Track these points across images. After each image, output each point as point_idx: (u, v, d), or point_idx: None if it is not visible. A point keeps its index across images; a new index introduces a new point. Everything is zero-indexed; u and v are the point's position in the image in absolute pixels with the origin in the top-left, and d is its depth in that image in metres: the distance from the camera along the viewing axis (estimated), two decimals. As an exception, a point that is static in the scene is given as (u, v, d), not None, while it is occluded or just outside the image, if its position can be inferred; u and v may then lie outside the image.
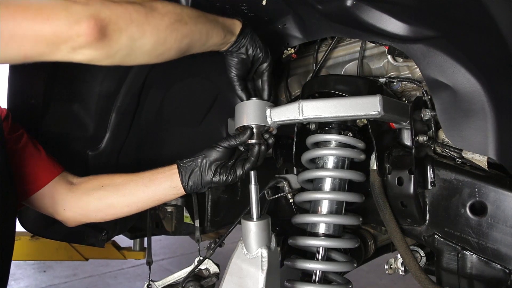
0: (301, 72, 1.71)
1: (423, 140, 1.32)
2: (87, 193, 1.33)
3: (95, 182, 1.35)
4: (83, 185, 1.35)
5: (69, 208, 1.33)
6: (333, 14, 1.27)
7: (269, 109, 1.28)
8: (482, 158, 1.25)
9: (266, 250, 1.20)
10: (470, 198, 1.27)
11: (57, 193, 1.32)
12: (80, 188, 1.34)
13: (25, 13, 0.88)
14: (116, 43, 0.98)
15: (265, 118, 1.28)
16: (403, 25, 1.18)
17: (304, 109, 1.23)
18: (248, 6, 1.40)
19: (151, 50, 1.06)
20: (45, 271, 4.26)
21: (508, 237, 1.20)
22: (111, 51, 0.99)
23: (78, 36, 0.92)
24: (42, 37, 0.90)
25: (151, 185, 1.29)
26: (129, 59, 1.05)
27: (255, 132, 1.27)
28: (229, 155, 1.29)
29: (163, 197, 1.31)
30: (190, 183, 1.28)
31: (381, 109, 1.18)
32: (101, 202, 1.32)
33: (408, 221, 1.37)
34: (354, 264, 1.40)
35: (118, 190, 1.32)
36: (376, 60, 1.50)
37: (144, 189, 1.30)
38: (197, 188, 1.29)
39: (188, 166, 1.28)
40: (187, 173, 1.28)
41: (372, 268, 2.71)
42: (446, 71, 1.17)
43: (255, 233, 1.22)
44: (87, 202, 1.32)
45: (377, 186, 1.35)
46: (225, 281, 1.22)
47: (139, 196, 1.30)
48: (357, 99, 1.21)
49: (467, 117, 1.17)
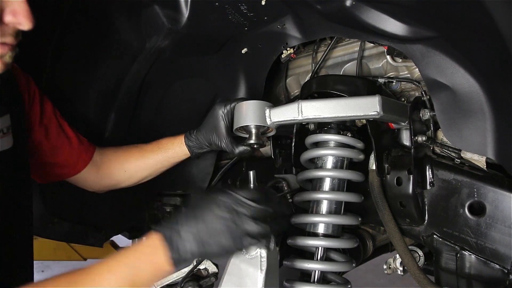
0: (300, 72, 1.71)
1: (422, 140, 1.32)
2: (114, 171, 1.49)
3: (118, 160, 1.49)
4: (106, 163, 1.48)
5: (99, 183, 1.50)
6: (332, 14, 1.28)
7: (268, 109, 1.28)
8: (480, 158, 1.25)
9: (265, 250, 1.19)
10: (469, 198, 1.27)
11: (87, 174, 1.45)
12: (104, 165, 1.48)
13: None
14: None
15: (264, 118, 1.28)
16: (402, 25, 1.18)
17: (303, 110, 1.23)
18: (247, 6, 1.40)
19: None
20: (43, 271, 4.25)
21: (506, 237, 1.20)
22: None
23: None
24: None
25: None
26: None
27: (254, 133, 1.27)
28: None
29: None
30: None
31: (380, 109, 1.18)
32: (127, 174, 1.49)
33: (407, 221, 1.37)
34: (353, 264, 1.40)
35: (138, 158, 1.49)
36: (375, 60, 1.50)
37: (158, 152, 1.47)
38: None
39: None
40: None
41: (370, 268, 2.71)
42: (445, 71, 1.17)
43: None
44: (117, 178, 1.50)
45: (376, 186, 1.36)
46: (224, 281, 1.22)
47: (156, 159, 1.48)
48: (356, 99, 1.21)
49: (465, 117, 1.18)
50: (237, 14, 1.43)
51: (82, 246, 2.83)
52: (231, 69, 1.66)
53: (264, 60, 1.59)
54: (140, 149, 1.50)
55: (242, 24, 1.48)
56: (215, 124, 1.35)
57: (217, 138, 1.35)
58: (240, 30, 1.52)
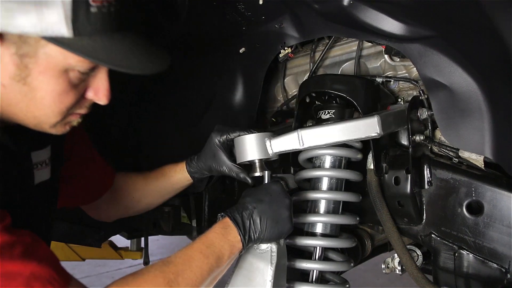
0: (298, 72, 1.71)
1: (420, 140, 1.32)
2: (124, 198, 1.50)
3: (127, 187, 1.50)
4: (118, 192, 1.50)
5: (110, 213, 1.53)
6: (330, 13, 1.28)
7: (268, 141, 1.29)
8: (478, 158, 1.25)
9: (276, 245, 1.22)
10: (467, 198, 1.27)
11: (102, 201, 1.48)
12: (117, 193, 1.50)
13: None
14: None
15: (266, 150, 1.30)
16: (400, 24, 1.18)
17: (304, 139, 1.24)
18: (245, 5, 1.40)
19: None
20: (42, 271, 4.23)
21: (504, 236, 1.20)
22: None
23: None
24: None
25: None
26: None
27: (258, 166, 1.30)
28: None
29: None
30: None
31: (381, 130, 1.19)
32: (134, 201, 1.51)
33: (405, 221, 1.37)
34: (351, 264, 1.40)
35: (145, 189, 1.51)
36: (373, 59, 1.50)
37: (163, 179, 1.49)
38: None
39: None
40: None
41: (369, 267, 2.71)
42: (443, 70, 1.17)
43: None
44: (125, 205, 1.51)
45: (374, 185, 1.35)
46: (234, 274, 1.24)
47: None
48: (355, 122, 1.22)
49: (463, 116, 1.18)
50: (234, 13, 1.43)
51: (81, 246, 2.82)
52: (229, 68, 1.66)
53: (262, 60, 1.59)
54: (144, 176, 1.51)
55: (240, 24, 1.48)
56: (214, 153, 1.37)
57: (218, 166, 1.37)
58: (238, 30, 1.52)
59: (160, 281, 1.00)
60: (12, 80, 0.92)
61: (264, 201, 1.20)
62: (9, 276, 0.83)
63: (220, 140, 1.36)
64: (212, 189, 1.83)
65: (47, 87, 0.94)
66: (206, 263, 1.09)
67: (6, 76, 0.91)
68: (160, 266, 1.04)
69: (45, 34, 0.87)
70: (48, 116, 0.98)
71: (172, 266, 1.04)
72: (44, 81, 0.93)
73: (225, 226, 1.16)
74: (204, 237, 1.14)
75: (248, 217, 1.16)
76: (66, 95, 0.96)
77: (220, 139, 1.36)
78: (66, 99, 0.97)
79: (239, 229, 1.15)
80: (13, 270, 0.84)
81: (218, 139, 1.36)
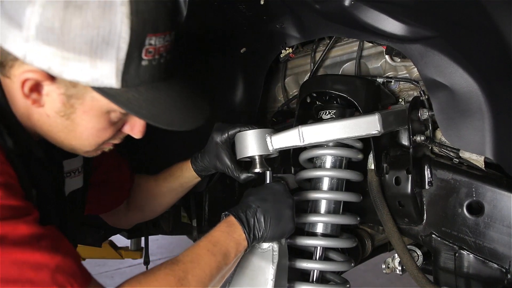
0: (299, 72, 1.71)
1: (420, 140, 1.32)
2: (139, 201, 1.53)
3: (140, 190, 1.52)
4: (133, 196, 1.52)
5: (129, 218, 1.57)
6: (331, 13, 1.28)
7: (269, 137, 1.29)
8: (479, 158, 1.25)
9: (277, 244, 1.23)
10: (467, 198, 1.27)
11: (121, 208, 1.52)
12: (132, 198, 1.52)
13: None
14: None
15: (266, 146, 1.30)
16: (401, 25, 1.18)
17: (304, 135, 1.25)
18: (246, 5, 1.40)
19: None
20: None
21: (505, 237, 1.20)
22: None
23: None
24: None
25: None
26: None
27: (258, 162, 1.30)
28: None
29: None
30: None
31: (381, 127, 1.19)
32: (150, 204, 1.54)
33: (405, 221, 1.38)
34: (352, 264, 1.40)
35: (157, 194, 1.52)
36: (373, 60, 1.50)
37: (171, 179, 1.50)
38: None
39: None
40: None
41: (369, 267, 2.72)
42: (444, 71, 1.17)
43: None
44: (141, 209, 1.55)
45: (375, 185, 1.36)
46: (236, 273, 1.25)
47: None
48: (356, 120, 1.22)
49: (464, 117, 1.18)
50: (235, 13, 1.43)
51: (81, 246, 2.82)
52: (229, 68, 1.66)
53: (262, 60, 1.59)
54: (155, 178, 1.52)
55: (241, 24, 1.48)
56: (217, 153, 1.37)
57: (221, 165, 1.37)
58: (239, 30, 1.52)
59: (171, 279, 1.01)
60: (57, 114, 0.96)
61: (268, 200, 1.20)
62: (36, 266, 0.85)
63: (222, 139, 1.36)
64: (212, 189, 1.82)
65: (88, 124, 0.99)
66: (214, 261, 1.09)
67: (51, 110, 0.96)
68: (169, 265, 1.05)
69: (95, 84, 0.90)
70: (84, 146, 1.05)
71: (181, 265, 1.05)
72: (86, 119, 0.98)
73: (230, 224, 1.16)
74: (210, 235, 1.15)
75: (252, 215, 1.17)
76: (104, 131, 1.02)
77: (222, 138, 1.36)
78: (104, 135, 1.03)
79: (244, 227, 1.15)
80: (40, 260, 0.85)
81: (220, 138, 1.36)
